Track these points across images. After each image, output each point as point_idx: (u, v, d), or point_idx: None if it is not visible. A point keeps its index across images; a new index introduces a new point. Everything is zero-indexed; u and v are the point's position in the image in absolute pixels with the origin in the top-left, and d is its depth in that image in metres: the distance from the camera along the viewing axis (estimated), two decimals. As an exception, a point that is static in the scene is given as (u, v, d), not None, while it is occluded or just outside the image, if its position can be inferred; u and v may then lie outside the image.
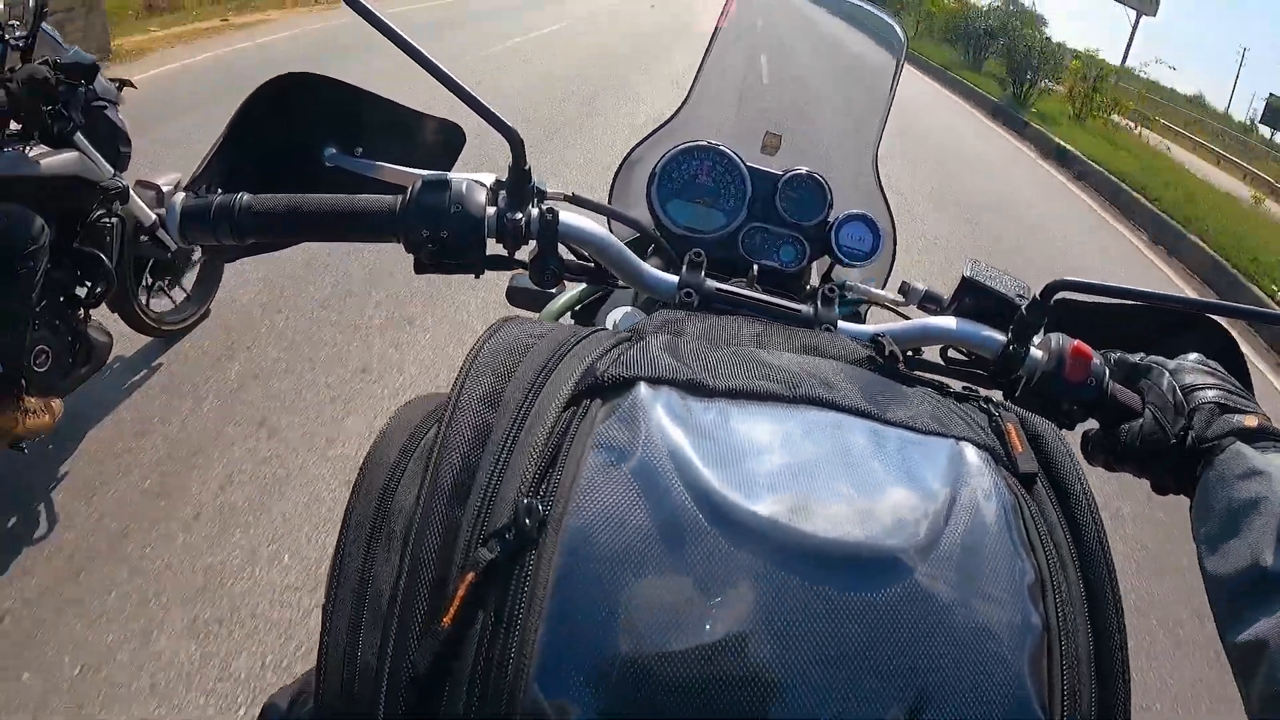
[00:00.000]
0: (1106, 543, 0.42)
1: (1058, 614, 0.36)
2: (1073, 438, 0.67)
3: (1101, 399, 0.61)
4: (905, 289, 0.71)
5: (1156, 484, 0.59)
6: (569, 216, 0.62)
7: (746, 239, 0.80)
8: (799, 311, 0.63)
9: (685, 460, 0.35)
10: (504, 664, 0.31)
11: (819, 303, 0.64)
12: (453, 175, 0.60)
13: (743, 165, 0.79)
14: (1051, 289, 0.62)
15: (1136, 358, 0.64)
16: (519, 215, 0.60)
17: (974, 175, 7.72)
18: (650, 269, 0.64)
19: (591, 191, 0.70)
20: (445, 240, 0.58)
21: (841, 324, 0.63)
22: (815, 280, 0.86)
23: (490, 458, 0.36)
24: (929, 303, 0.71)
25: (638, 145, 0.93)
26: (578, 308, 0.85)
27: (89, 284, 2.06)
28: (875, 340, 0.51)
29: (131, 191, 2.12)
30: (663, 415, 0.37)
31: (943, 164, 7.70)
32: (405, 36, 0.58)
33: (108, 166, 1.99)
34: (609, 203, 0.94)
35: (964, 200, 6.48)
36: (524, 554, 0.33)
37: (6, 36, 1.89)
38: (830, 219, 0.81)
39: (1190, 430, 0.55)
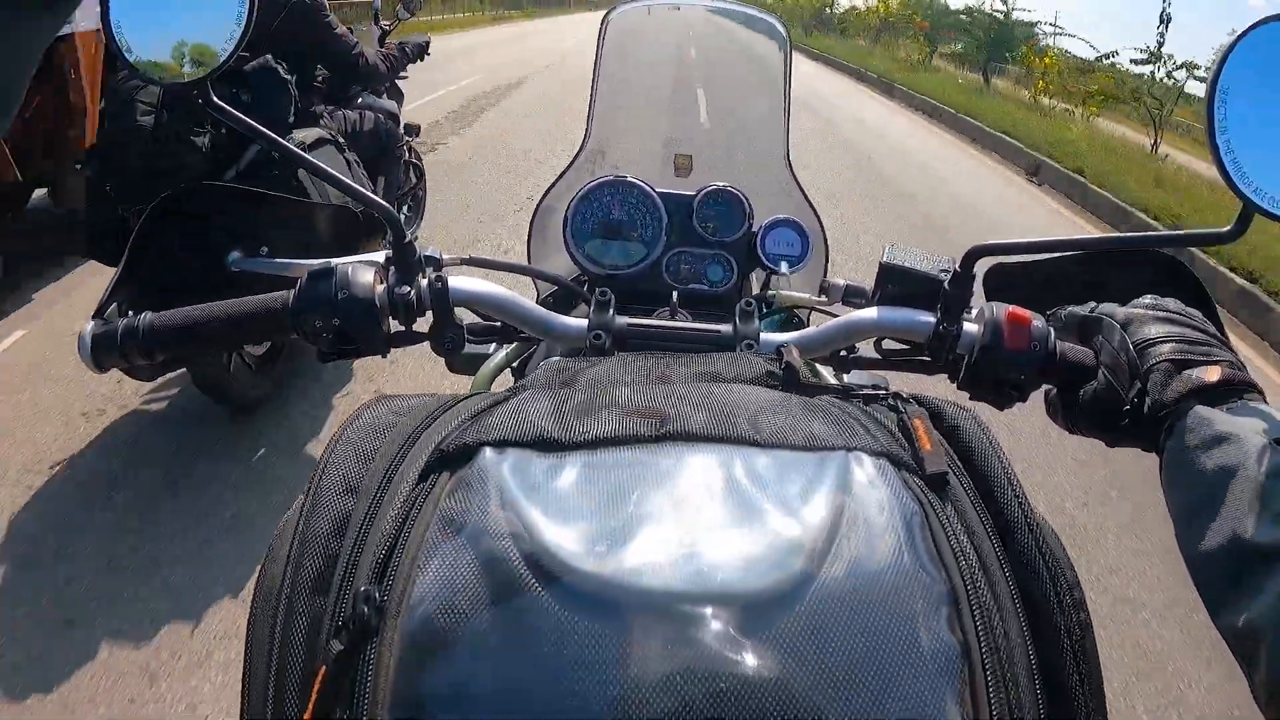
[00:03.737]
0: (1042, 534, 0.38)
1: (979, 630, 0.33)
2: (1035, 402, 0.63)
3: (1050, 362, 0.57)
4: (825, 287, 0.68)
5: (1119, 445, 0.55)
6: (460, 280, 0.60)
7: (670, 266, 0.77)
8: (718, 332, 0.61)
9: (526, 525, 0.32)
10: None
11: (738, 320, 0.61)
12: (339, 261, 0.59)
13: (653, 192, 0.77)
14: (971, 256, 0.59)
15: (1086, 309, 0.59)
16: (408, 289, 0.58)
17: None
18: (555, 317, 0.62)
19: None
20: (339, 327, 0.57)
21: (765, 336, 0.60)
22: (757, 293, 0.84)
23: (348, 545, 0.36)
24: (853, 297, 0.67)
25: (547, 192, 0.91)
26: (515, 363, 0.83)
27: None
28: (778, 352, 0.48)
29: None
30: (506, 479, 0.35)
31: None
32: (268, 132, 0.58)
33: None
34: (528, 253, 0.93)
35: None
36: (366, 643, 0.32)
37: (382, 22, 3.32)
38: (755, 229, 0.78)
39: (1147, 395, 0.50)
